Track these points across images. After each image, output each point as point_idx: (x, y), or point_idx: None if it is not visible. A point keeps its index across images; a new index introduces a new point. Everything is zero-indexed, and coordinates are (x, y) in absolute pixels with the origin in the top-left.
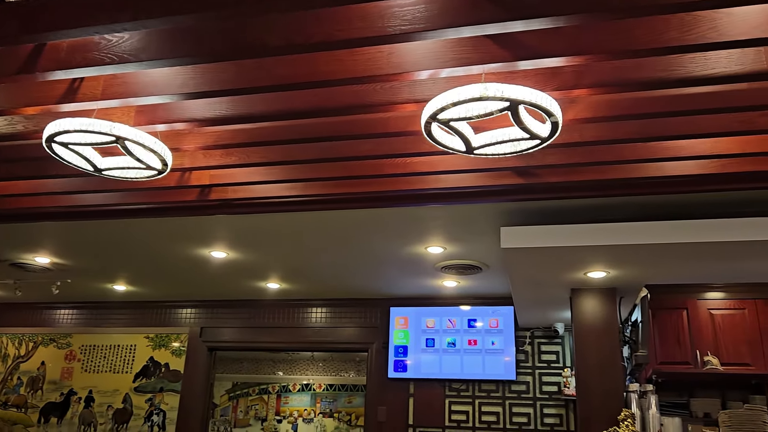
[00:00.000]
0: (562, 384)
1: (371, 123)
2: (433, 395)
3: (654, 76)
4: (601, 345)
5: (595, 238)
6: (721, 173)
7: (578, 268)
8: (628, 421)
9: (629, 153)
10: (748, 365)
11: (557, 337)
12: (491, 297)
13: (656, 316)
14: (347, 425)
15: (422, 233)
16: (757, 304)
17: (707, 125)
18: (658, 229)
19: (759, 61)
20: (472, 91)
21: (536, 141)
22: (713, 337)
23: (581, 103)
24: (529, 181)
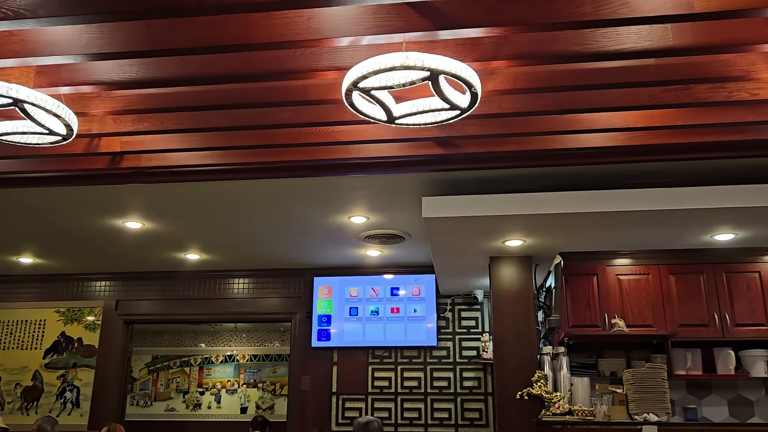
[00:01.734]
0: (481, 348)
1: (291, 90)
2: (356, 363)
3: (570, 49)
4: (517, 310)
5: (513, 207)
6: (630, 146)
7: (497, 237)
8: (541, 382)
9: (546, 125)
10: (651, 327)
11: (476, 303)
12: (414, 265)
13: (569, 282)
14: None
15: (345, 203)
16: (660, 269)
17: (618, 99)
18: (572, 199)
19: (666, 38)
20: (393, 60)
21: (456, 111)
22: (620, 301)
23: (500, 75)
24: (449, 152)
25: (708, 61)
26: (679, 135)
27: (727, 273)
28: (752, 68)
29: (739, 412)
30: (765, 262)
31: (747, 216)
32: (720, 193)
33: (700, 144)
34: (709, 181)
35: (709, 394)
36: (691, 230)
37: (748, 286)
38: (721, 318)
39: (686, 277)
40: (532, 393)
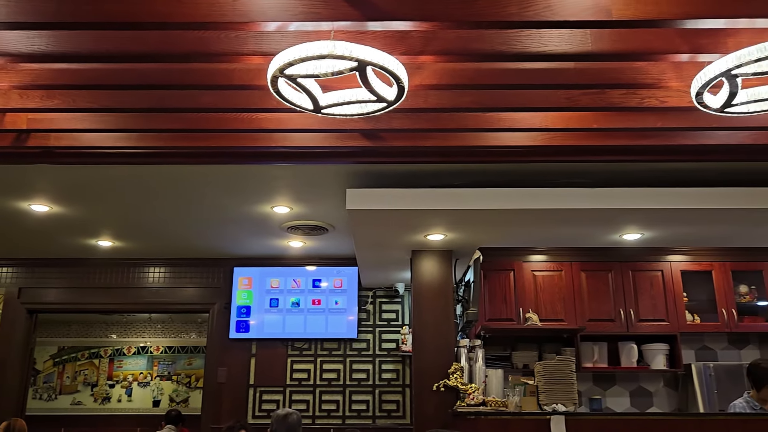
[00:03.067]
0: (400, 341)
1: (214, 73)
2: (275, 355)
3: (494, 48)
4: (437, 304)
5: (435, 202)
6: (549, 146)
7: (419, 231)
8: (457, 374)
9: (470, 122)
10: (562, 321)
11: (397, 296)
12: (336, 257)
13: (487, 276)
14: (186, 388)
15: (268, 192)
16: (572, 266)
17: (538, 100)
18: (492, 196)
19: (585, 42)
20: (321, 48)
21: (383, 104)
22: (534, 296)
23: (427, 70)
24: (375, 144)
25: (623, 67)
26: (594, 137)
27: (633, 271)
28: (662, 77)
29: (640, 402)
30: (667, 262)
31: (652, 217)
32: (629, 194)
33: (613, 147)
34: (620, 183)
35: (613, 385)
36: (602, 229)
37: (651, 283)
38: (626, 314)
39: (596, 275)
40: (448, 384)
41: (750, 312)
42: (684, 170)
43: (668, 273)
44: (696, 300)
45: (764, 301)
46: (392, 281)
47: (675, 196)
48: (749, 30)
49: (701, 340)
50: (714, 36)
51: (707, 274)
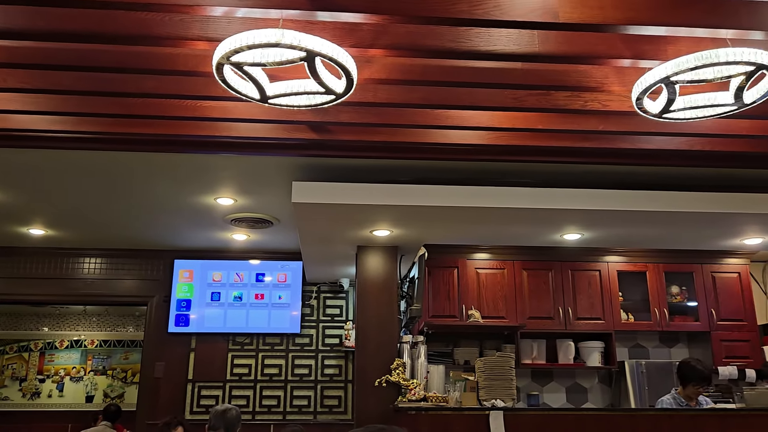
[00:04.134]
0: (344, 336)
1: (157, 57)
2: (215, 349)
3: (444, 45)
4: (381, 300)
5: (382, 197)
6: (495, 145)
7: (365, 226)
8: (400, 369)
9: (418, 118)
10: (503, 318)
11: (342, 291)
12: (281, 252)
13: (431, 273)
14: (122, 383)
15: (212, 183)
16: (514, 265)
17: (486, 99)
18: (438, 193)
19: (532, 43)
20: (269, 36)
21: (331, 96)
22: (477, 294)
23: (377, 64)
24: (322, 137)
25: (568, 70)
26: (539, 138)
27: (572, 270)
28: (605, 81)
29: (575, 398)
30: (605, 262)
31: (592, 218)
32: (570, 195)
33: (556, 148)
34: (563, 184)
35: (551, 381)
36: (544, 229)
37: (589, 283)
38: (564, 312)
39: (537, 273)
40: (390, 380)
41: (680, 312)
42: (623, 173)
43: (605, 273)
44: (631, 300)
45: (694, 302)
46: (337, 276)
47: (614, 198)
48: (688, 38)
49: (634, 338)
50: (655, 43)
51: (642, 275)
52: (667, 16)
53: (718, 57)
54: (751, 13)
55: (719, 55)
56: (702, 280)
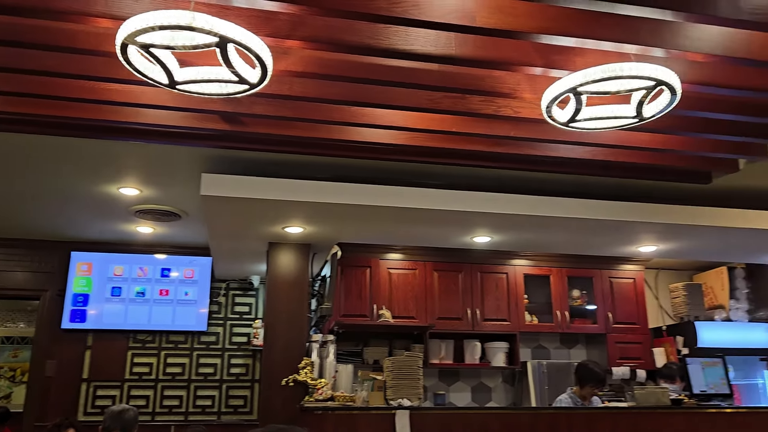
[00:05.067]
0: (252, 335)
1: (57, 33)
2: (114, 347)
3: (362, 42)
4: (291, 298)
5: (295, 193)
6: (410, 145)
7: (277, 222)
8: (308, 368)
9: (335, 114)
10: (413, 318)
11: (252, 289)
12: (189, 246)
13: (344, 272)
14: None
15: (115, 171)
16: (426, 266)
17: (402, 99)
18: (353, 191)
19: (449, 45)
20: (179, 18)
21: (244, 86)
22: (389, 293)
23: (293, 56)
24: (235, 129)
25: (483, 74)
26: (453, 141)
27: (481, 273)
28: (518, 88)
29: (480, 397)
30: (512, 265)
31: (501, 222)
32: (481, 198)
33: (469, 152)
34: (475, 187)
35: (457, 381)
36: (456, 231)
37: (496, 285)
38: (472, 313)
39: (447, 274)
40: (297, 379)
41: (580, 315)
42: (533, 179)
43: (512, 276)
44: (535, 302)
45: (593, 305)
46: (247, 273)
47: (522, 203)
48: (596, 51)
49: (537, 339)
50: (565, 53)
51: (546, 279)
52: (576, 28)
53: (622, 71)
54: (653, 32)
55: (623, 69)
56: (601, 285)
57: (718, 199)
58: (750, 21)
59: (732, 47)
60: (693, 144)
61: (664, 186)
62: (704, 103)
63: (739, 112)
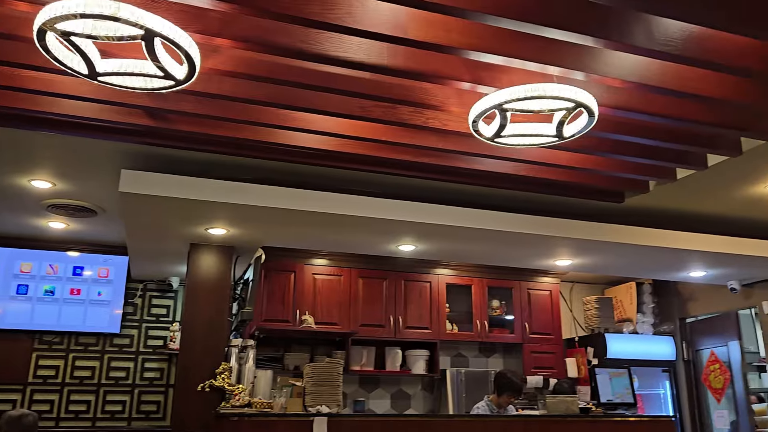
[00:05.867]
0: (169, 338)
1: None
2: (16, 348)
3: (294, 45)
4: (211, 301)
5: (219, 194)
6: (340, 152)
7: (200, 223)
8: (225, 374)
9: (264, 116)
10: (336, 324)
11: (171, 291)
12: (104, 245)
13: (268, 276)
14: None
15: (26, 162)
16: (351, 272)
17: (333, 105)
18: (279, 195)
19: (381, 56)
20: (103, 7)
21: (170, 82)
22: (313, 299)
23: (223, 55)
24: (159, 125)
25: (413, 86)
26: (383, 150)
27: (405, 281)
28: (446, 101)
29: (399, 404)
30: (436, 274)
31: (426, 231)
32: (407, 207)
33: (398, 161)
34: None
35: (377, 388)
36: (382, 239)
37: (419, 293)
38: (395, 320)
39: (372, 282)
40: (214, 385)
41: (499, 324)
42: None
43: (435, 285)
44: (456, 311)
45: (511, 316)
46: (166, 274)
47: (447, 214)
48: (521, 71)
49: (457, 348)
50: (492, 71)
51: (468, 288)
52: (504, 47)
53: (545, 91)
54: (575, 56)
55: (546, 89)
56: (519, 296)
57: (629, 217)
58: (663, 52)
59: (646, 75)
60: (607, 164)
61: (580, 203)
62: (619, 126)
63: (651, 136)
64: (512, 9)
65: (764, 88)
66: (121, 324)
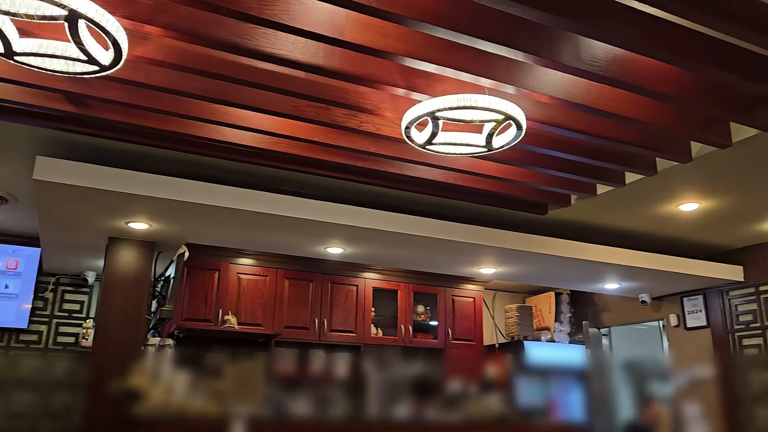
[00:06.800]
0: (82, 335)
1: None
2: None
3: (229, 39)
4: (129, 297)
5: (141, 187)
6: (272, 150)
7: (120, 216)
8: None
9: (194, 109)
10: (260, 325)
11: (86, 286)
12: (14, 235)
13: (191, 274)
14: None
15: None
16: (277, 273)
17: (267, 102)
18: (205, 191)
19: (317, 56)
20: None
21: (94, 67)
22: (237, 299)
23: (153, 43)
24: (81, 112)
25: (348, 88)
26: (315, 151)
27: (332, 283)
28: (381, 105)
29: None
30: (363, 278)
31: (355, 234)
32: (337, 210)
33: (331, 163)
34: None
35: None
36: (310, 240)
37: (346, 297)
38: (320, 323)
39: (298, 283)
40: (128, 385)
41: (423, 330)
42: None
43: (362, 288)
44: (381, 315)
45: (435, 321)
46: (82, 269)
47: (376, 218)
48: (455, 80)
49: (380, 352)
50: (426, 78)
51: (394, 293)
52: (439, 55)
53: (476, 102)
54: (506, 69)
55: (477, 100)
56: (444, 302)
57: (552, 229)
58: (588, 71)
59: (572, 93)
60: (533, 177)
61: (506, 213)
62: (545, 140)
63: (574, 152)
64: (447, 19)
65: (681, 113)
66: (29, 319)
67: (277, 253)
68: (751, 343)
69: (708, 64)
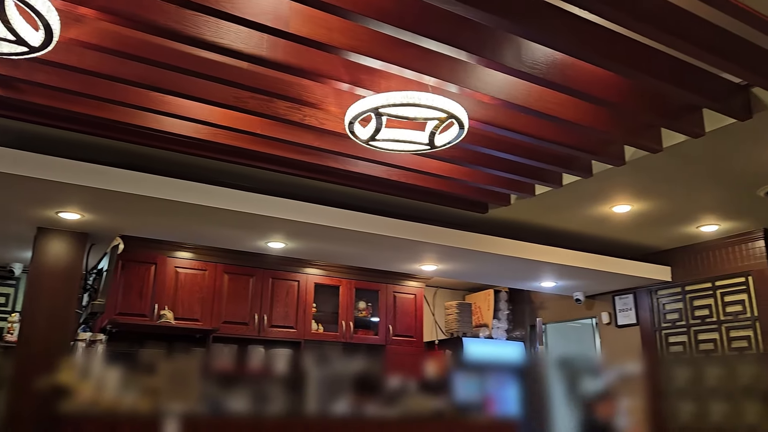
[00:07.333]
0: (6, 330)
1: None
2: None
3: (168, 25)
4: (58, 291)
5: (72, 176)
6: (212, 141)
7: (49, 206)
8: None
9: (130, 97)
10: (197, 321)
11: (12, 278)
12: None
13: (125, 267)
14: None
15: None
16: (217, 267)
17: (207, 92)
18: (141, 181)
19: (260, 46)
20: None
21: (23, 48)
22: (174, 293)
23: (87, 26)
24: (8, 95)
25: (291, 81)
26: (257, 143)
27: (273, 278)
28: (324, 100)
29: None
30: (304, 273)
31: (296, 229)
32: (279, 204)
33: (272, 156)
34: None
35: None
36: (251, 234)
37: (287, 292)
38: (260, 318)
39: (238, 278)
40: (55, 382)
41: (364, 326)
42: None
43: (303, 284)
44: (323, 311)
45: (377, 318)
46: (8, 260)
47: (318, 213)
48: (399, 77)
49: (321, 348)
50: (371, 74)
51: (335, 289)
52: (383, 52)
53: (420, 99)
54: (450, 68)
55: (420, 98)
56: (385, 299)
57: (492, 228)
58: (529, 74)
59: (513, 94)
60: (474, 176)
61: (447, 211)
62: (486, 140)
63: (514, 152)
64: (393, 15)
65: (617, 118)
66: None
67: (217, 246)
68: (677, 340)
69: (644, 71)
